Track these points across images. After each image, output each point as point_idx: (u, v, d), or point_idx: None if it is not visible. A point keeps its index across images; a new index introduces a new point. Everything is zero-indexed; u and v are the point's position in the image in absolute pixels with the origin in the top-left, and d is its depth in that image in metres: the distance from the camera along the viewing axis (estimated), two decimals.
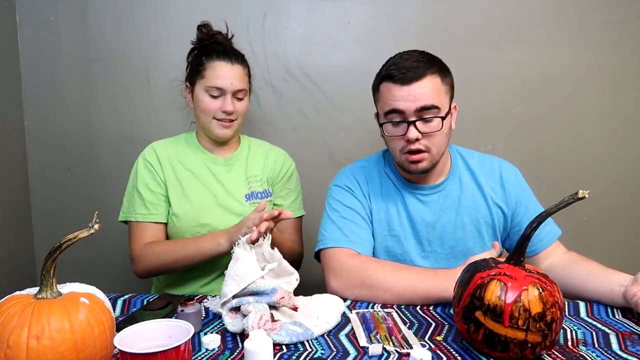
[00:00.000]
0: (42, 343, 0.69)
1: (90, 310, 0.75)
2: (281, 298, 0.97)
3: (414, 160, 1.17)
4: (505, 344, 0.82)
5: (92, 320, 0.75)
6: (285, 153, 1.54)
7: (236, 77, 1.36)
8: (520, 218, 1.28)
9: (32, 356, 0.69)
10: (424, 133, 1.15)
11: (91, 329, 0.74)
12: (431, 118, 1.14)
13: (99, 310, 0.77)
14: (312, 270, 1.41)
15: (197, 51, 1.42)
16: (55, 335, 0.70)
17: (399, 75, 1.13)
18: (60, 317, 0.72)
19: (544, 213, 0.89)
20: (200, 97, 1.36)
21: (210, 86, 1.34)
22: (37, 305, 0.73)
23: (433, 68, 1.15)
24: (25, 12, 1.72)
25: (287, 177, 1.51)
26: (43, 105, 1.77)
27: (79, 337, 0.72)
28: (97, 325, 0.75)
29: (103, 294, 0.82)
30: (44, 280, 0.77)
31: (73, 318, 0.73)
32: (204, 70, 1.36)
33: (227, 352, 0.89)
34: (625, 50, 1.75)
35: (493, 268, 0.88)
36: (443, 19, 1.73)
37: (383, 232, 1.26)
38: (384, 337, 0.94)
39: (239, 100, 1.38)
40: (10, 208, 1.71)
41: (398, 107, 1.14)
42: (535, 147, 1.80)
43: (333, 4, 1.73)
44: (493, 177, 1.29)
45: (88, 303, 0.77)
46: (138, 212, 1.35)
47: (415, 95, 1.12)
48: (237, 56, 1.39)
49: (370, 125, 1.72)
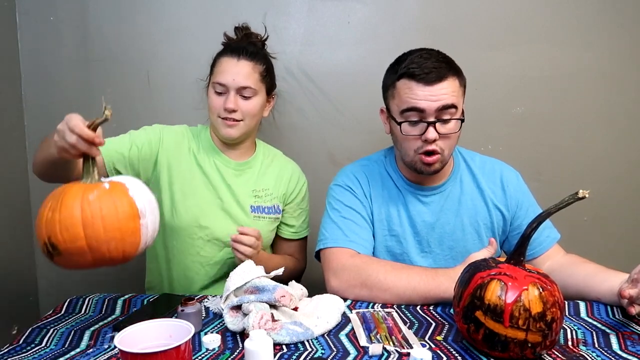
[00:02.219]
0: (54, 215, 0.82)
1: (105, 193, 0.84)
2: (282, 296, 0.98)
3: (428, 162, 1.17)
4: (505, 343, 0.82)
5: (102, 201, 0.83)
6: (299, 169, 1.50)
7: (240, 73, 1.30)
8: (520, 221, 1.28)
9: (48, 225, 0.82)
10: (442, 134, 1.14)
11: (99, 208, 0.82)
12: (449, 119, 1.14)
13: (116, 196, 0.84)
14: (312, 270, 1.42)
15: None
16: (65, 211, 0.81)
17: (422, 74, 1.12)
18: (74, 194, 0.83)
19: (544, 213, 0.89)
20: (209, 95, 1.34)
21: (215, 82, 1.31)
22: (67, 186, 0.87)
23: (453, 70, 1.15)
24: (25, 12, 1.72)
25: (301, 197, 1.47)
26: (43, 105, 1.77)
27: (87, 213, 0.81)
28: (106, 207, 0.82)
29: (142, 186, 0.89)
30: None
31: (84, 196, 0.83)
32: (214, 66, 1.34)
33: (228, 352, 0.89)
34: (625, 50, 1.75)
35: (493, 268, 0.88)
36: (443, 19, 1.73)
37: (383, 232, 1.26)
38: (384, 337, 0.94)
39: (245, 98, 1.31)
40: (10, 208, 1.71)
41: (419, 106, 1.12)
42: (535, 147, 1.80)
43: (333, 4, 1.73)
44: (494, 180, 1.29)
45: (107, 188, 0.85)
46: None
47: (437, 95, 1.12)
48: (248, 52, 1.32)
49: (370, 125, 1.73)
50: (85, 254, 0.81)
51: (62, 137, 0.87)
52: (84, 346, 0.92)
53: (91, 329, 0.98)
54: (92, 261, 0.82)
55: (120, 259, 0.84)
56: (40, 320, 1.02)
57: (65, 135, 0.86)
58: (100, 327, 0.99)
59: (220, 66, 1.32)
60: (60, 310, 1.07)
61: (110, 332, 0.97)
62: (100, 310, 1.07)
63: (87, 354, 0.89)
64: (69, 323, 1.01)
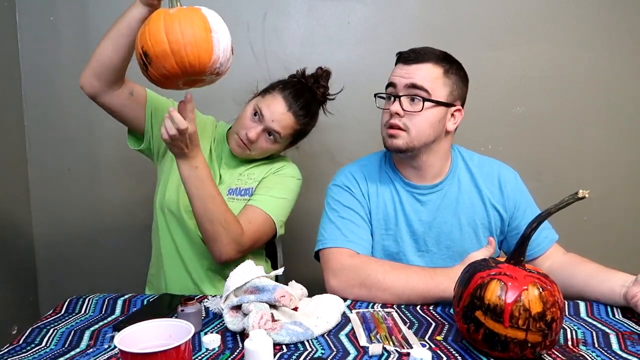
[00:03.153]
0: (144, 28, 0.99)
1: (182, 9, 0.99)
2: (282, 296, 0.97)
3: (391, 135, 1.19)
4: (505, 343, 0.82)
5: (180, 13, 0.98)
6: (295, 167, 1.45)
7: (282, 120, 1.31)
8: (518, 222, 1.27)
9: (141, 37, 0.99)
10: (406, 111, 1.18)
11: (177, 18, 0.97)
12: (417, 99, 1.17)
13: (191, 12, 0.99)
14: (312, 270, 1.42)
15: (281, 81, 1.38)
16: (151, 23, 0.98)
17: (405, 55, 1.21)
18: (159, 12, 1.01)
19: (544, 213, 0.89)
20: (247, 109, 1.34)
21: (258, 106, 1.31)
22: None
23: (442, 62, 1.20)
24: (25, 12, 1.72)
25: (274, 173, 1.40)
26: (43, 105, 1.77)
27: (167, 22, 0.97)
28: (183, 18, 0.97)
29: (216, 14, 1.02)
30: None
31: (166, 11, 1.00)
32: (268, 93, 1.34)
33: (227, 352, 0.89)
34: (625, 50, 1.75)
35: (493, 268, 0.88)
36: (443, 19, 1.73)
37: (380, 232, 1.26)
38: (384, 336, 0.94)
39: (268, 139, 1.33)
40: (10, 208, 1.71)
41: (392, 81, 1.21)
42: (535, 147, 1.80)
43: (333, 4, 1.73)
44: (492, 180, 1.29)
45: (185, 7, 1.01)
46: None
47: (410, 73, 1.18)
48: (301, 107, 1.33)
49: (370, 125, 1.72)
50: (169, 57, 0.96)
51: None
52: (84, 346, 0.92)
53: (91, 329, 0.98)
54: (177, 67, 0.97)
55: (197, 66, 0.98)
56: (40, 320, 1.02)
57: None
58: (100, 327, 0.99)
59: (271, 100, 1.32)
60: (60, 310, 1.07)
61: (110, 332, 0.97)
62: (100, 310, 1.07)
63: (87, 354, 0.89)
64: (69, 323, 1.01)
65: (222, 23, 1.02)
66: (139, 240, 1.78)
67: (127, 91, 1.24)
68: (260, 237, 1.33)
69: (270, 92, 1.34)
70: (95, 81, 1.18)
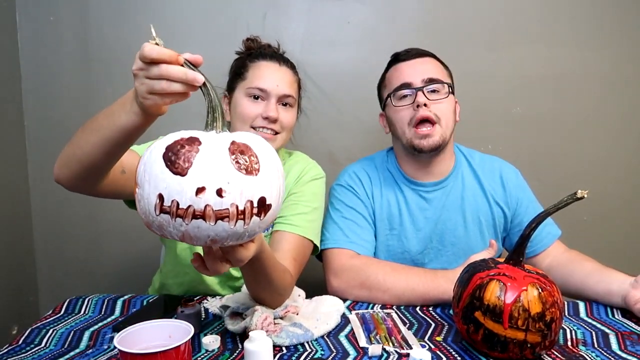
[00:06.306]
0: None
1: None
2: (286, 312, 0.98)
3: (423, 135, 1.17)
4: (504, 344, 0.82)
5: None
6: (317, 165, 1.31)
7: (284, 79, 1.17)
8: (520, 218, 1.28)
9: None
10: (432, 100, 1.18)
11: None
12: (438, 88, 1.19)
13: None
14: (312, 270, 1.41)
15: (241, 58, 1.24)
16: None
17: (404, 54, 1.24)
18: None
19: (543, 213, 0.89)
20: (239, 102, 1.16)
21: (252, 87, 1.15)
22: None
23: (436, 58, 1.26)
24: (25, 12, 1.72)
25: (302, 182, 1.22)
26: (43, 105, 1.77)
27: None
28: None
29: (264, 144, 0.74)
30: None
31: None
32: (246, 72, 1.18)
33: (227, 353, 0.89)
34: (624, 50, 1.75)
35: (492, 268, 0.88)
36: (443, 19, 1.73)
37: (385, 232, 1.26)
38: (383, 337, 0.94)
39: (286, 108, 1.18)
40: (10, 208, 1.71)
41: (406, 80, 1.20)
42: (535, 147, 1.80)
43: (333, 4, 1.73)
44: (494, 177, 1.29)
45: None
46: None
47: (420, 68, 1.20)
48: (287, 61, 1.23)
49: (370, 125, 1.73)
50: None
51: (145, 75, 0.75)
52: (83, 347, 0.92)
53: (91, 330, 0.98)
54: None
55: None
56: (40, 320, 1.02)
57: (151, 70, 0.73)
58: (99, 328, 0.99)
59: (257, 70, 1.17)
60: (60, 310, 1.07)
61: (109, 332, 0.97)
62: (100, 311, 1.07)
63: (86, 354, 0.89)
64: (69, 323, 1.01)
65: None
66: (139, 240, 1.78)
67: (117, 172, 0.97)
68: (303, 265, 1.15)
69: (247, 69, 1.19)
70: (80, 182, 0.94)
